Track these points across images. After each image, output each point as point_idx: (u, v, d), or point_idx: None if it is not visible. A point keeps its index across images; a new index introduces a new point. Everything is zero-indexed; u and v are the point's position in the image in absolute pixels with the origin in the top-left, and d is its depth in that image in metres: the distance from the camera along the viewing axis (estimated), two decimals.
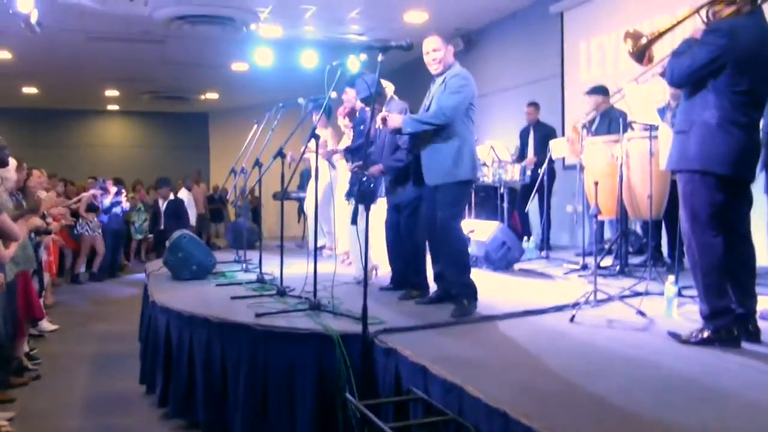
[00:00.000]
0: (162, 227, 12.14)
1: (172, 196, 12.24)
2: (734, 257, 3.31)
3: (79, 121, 20.04)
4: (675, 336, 3.40)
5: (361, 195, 3.79)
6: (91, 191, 10.69)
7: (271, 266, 5.57)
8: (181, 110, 19.73)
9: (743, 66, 3.20)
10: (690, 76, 3.30)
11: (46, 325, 6.92)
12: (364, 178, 3.66)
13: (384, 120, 4.18)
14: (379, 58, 3.53)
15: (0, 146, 4.74)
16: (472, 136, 4.25)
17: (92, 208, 10.61)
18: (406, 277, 4.87)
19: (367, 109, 4.77)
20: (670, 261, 6.00)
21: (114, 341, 6.82)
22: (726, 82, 3.22)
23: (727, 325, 3.25)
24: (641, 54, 3.57)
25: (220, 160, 19.17)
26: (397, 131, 4.26)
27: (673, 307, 3.95)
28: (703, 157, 3.27)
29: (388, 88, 5.09)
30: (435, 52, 4.20)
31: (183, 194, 13.12)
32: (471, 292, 4.14)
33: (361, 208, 4.34)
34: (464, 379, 2.65)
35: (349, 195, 5.28)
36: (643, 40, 3.54)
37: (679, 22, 3.53)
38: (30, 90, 16.20)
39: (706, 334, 3.29)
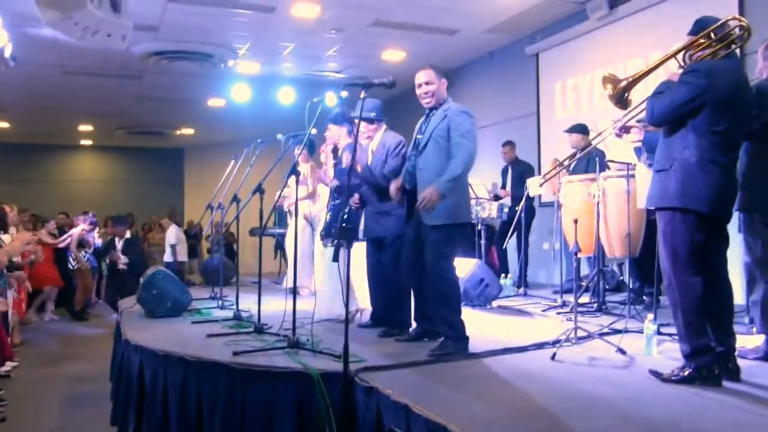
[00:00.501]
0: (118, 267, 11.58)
1: (128, 235, 11.60)
2: (712, 296, 3.33)
3: (51, 156, 19.75)
4: (656, 374, 3.39)
5: (342, 232, 3.76)
6: (80, 227, 10.56)
7: (247, 303, 5.51)
8: (156, 145, 19.61)
9: (721, 107, 3.27)
10: (670, 114, 3.35)
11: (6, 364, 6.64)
12: (346, 215, 3.63)
13: (422, 200, 3.95)
14: (362, 95, 3.54)
15: None
16: (467, 179, 4.26)
17: (83, 243, 10.51)
18: (386, 315, 4.82)
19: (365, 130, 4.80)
20: (647, 299, 6.05)
21: (83, 381, 6.64)
22: (704, 122, 3.28)
23: (708, 364, 3.26)
24: (621, 97, 3.63)
25: (195, 195, 19.01)
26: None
27: (652, 345, 3.96)
28: (684, 195, 3.30)
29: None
30: (428, 85, 4.15)
31: (172, 231, 12.81)
32: (458, 335, 4.05)
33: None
34: (448, 419, 2.60)
35: (325, 235, 5.19)
36: (622, 84, 3.61)
37: (656, 66, 3.61)
38: (1, 124, 16.00)
39: (687, 372, 3.29)
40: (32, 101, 13.43)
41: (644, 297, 6.07)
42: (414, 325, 4.54)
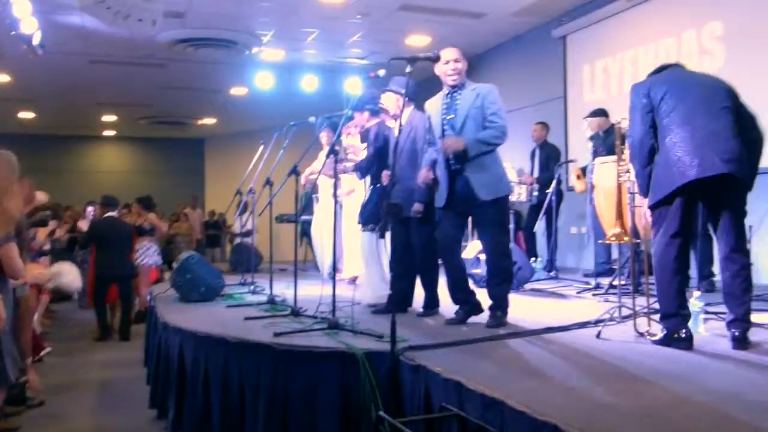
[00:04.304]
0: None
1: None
2: None
3: (74, 147, 19.93)
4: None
5: (390, 208, 3.75)
6: (151, 214, 9.19)
7: (275, 289, 5.49)
8: (178, 136, 19.71)
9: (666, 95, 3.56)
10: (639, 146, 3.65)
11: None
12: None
13: (445, 144, 4.13)
14: (408, 69, 3.51)
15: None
16: None
17: (144, 231, 8.91)
18: (407, 300, 4.79)
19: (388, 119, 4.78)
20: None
21: (116, 366, 6.71)
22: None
23: None
24: None
25: (217, 185, 19.12)
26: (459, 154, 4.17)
27: (699, 322, 3.90)
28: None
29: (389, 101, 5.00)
30: (456, 63, 4.23)
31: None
32: (507, 306, 4.20)
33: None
34: (505, 394, 2.57)
35: (364, 219, 5.15)
36: None
37: None
38: (27, 115, 16.13)
39: None
40: (58, 91, 13.51)
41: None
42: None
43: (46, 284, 5.44)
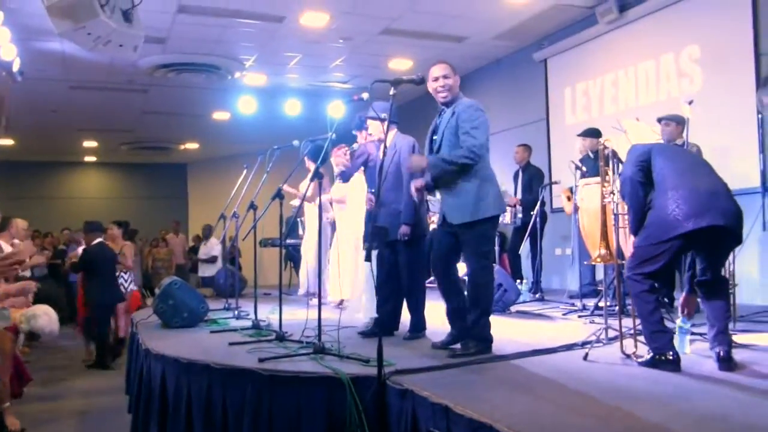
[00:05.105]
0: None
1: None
2: None
3: (56, 173, 19.75)
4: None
5: (376, 231, 3.71)
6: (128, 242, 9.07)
7: (260, 313, 5.42)
8: (160, 161, 19.60)
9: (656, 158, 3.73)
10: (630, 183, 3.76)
11: None
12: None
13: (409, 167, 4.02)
14: (392, 92, 3.50)
15: None
16: (491, 169, 4.11)
17: None
18: (394, 322, 4.75)
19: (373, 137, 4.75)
20: (667, 300, 5.97)
21: (97, 395, 6.58)
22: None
23: None
24: None
25: (200, 210, 18.99)
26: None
27: (685, 343, 3.89)
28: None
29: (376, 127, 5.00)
30: (445, 79, 4.08)
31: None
32: (482, 335, 3.97)
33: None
34: (492, 418, 2.53)
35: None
36: None
37: None
38: (6, 141, 15.96)
39: None
40: (38, 117, 13.38)
41: (665, 299, 5.99)
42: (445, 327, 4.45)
43: (21, 327, 5.36)
